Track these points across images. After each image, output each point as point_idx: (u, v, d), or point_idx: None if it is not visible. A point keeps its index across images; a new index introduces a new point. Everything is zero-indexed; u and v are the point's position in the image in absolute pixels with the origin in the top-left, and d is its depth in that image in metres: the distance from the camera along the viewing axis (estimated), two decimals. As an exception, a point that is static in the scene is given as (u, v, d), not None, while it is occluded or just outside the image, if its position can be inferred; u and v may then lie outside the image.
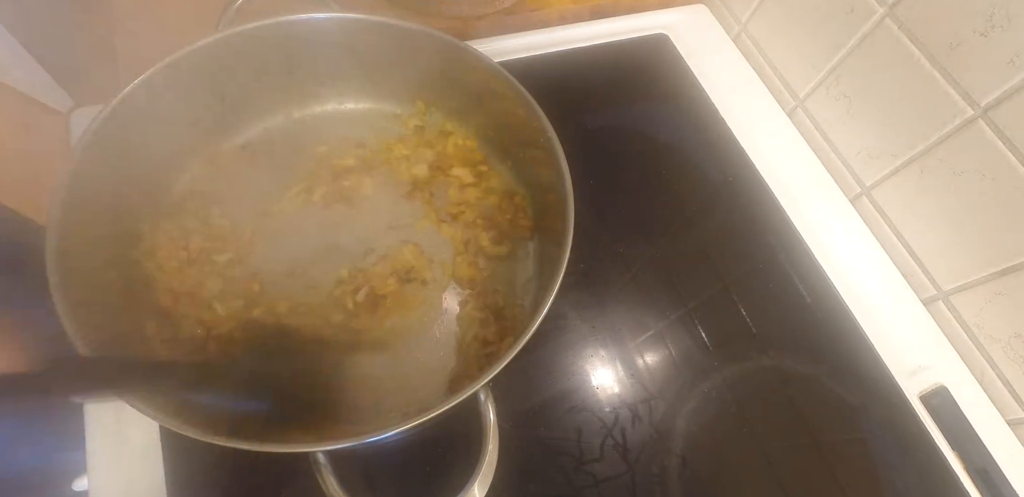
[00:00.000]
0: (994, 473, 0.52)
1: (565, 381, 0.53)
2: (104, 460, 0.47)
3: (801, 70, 0.67)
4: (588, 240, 0.58)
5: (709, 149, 0.67)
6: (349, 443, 0.36)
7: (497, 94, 0.51)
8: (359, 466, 0.47)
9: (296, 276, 0.51)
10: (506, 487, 0.41)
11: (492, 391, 0.41)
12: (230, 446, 0.35)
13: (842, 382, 0.55)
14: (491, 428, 0.40)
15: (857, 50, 0.59)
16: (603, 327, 0.56)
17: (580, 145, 0.50)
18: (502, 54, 0.69)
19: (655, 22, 0.76)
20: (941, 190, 0.55)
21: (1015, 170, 0.49)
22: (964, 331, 0.58)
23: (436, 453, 0.49)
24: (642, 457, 0.50)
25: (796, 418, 0.54)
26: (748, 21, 0.73)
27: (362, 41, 0.53)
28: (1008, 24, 0.46)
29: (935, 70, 0.52)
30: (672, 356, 0.55)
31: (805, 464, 0.52)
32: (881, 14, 0.56)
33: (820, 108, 0.67)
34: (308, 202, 0.55)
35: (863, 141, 0.62)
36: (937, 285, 0.59)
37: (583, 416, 0.52)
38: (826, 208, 0.65)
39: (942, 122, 0.53)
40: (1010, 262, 0.51)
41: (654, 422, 0.52)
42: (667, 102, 0.71)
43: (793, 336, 0.57)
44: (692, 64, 0.73)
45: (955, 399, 0.55)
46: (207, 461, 0.47)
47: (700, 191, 0.65)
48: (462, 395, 0.38)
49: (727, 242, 0.62)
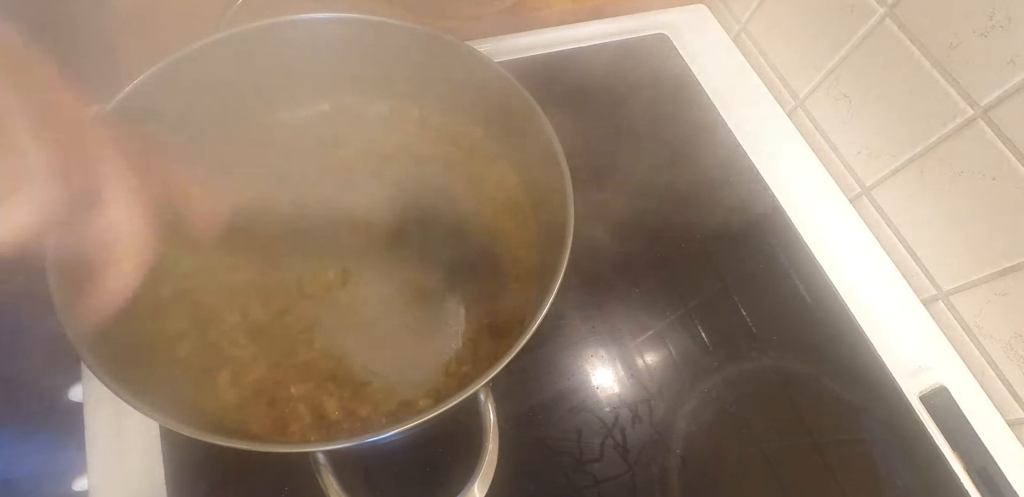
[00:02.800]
0: (994, 473, 0.52)
1: (565, 381, 0.53)
2: (104, 460, 0.47)
3: (801, 70, 0.67)
4: (588, 240, 0.58)
5: (709, 149, 0.67)
6: (349, 443, 0.36)
7: (497, 94, 0.51)
8: (359, 466, 0.47)
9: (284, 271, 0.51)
10: (506, 487, 0.41)
11: (492, 391, 0.41)
12: (230, 446, 0.35)
13: (842, 382, 0.55)
14: (491, 428, 0.40)
15: (857, 50, 0.59)
16: (603, 327, 0.56)
17: (580, 145, 0.50)
18: (502, 54, 0.69)
19: (655, 22, 0.76)
20: (941, 190, 0.56)
21: (1015, 170, 0.49)
22: (964, 331, 0.58)
23: (436, 453, 0.49)
24: (642, 457, 0.50)
25: (796, 418, 0.54)
26: (748, 21, 0.73)
27: (362, 41, 0.53)
28: (1008, 24, 0.46)
29: (935, 70, 0.52)
30: (672, 356, 0.55)
31: (805, 464, 0.52)
32: (881, 14, 0.56)
33: (820, 108, 0.67)
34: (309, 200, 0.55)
35: (863, 141, 0.62)
36: (937, 285, 0.59)
37: (583, 416, 0.52)
38: (826, 208, 0.65)
39: (942, 122, 0.53)
40: (1010, 262, 0.51)
41: (654, 422, 0.52)
42: (667, 102, 0.71)
43: (793, 336, 0.57)
44: (692, 64, 0.73)
45: (955, 399, 0.55)
46: (207, 461, 0.47)
47: (700, 191, 0.65)
48: (462, 395, 0.38)
49: (727, 242, 0.62)
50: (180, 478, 0.46)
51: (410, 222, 0.55)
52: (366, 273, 0.52)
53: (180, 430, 0.35)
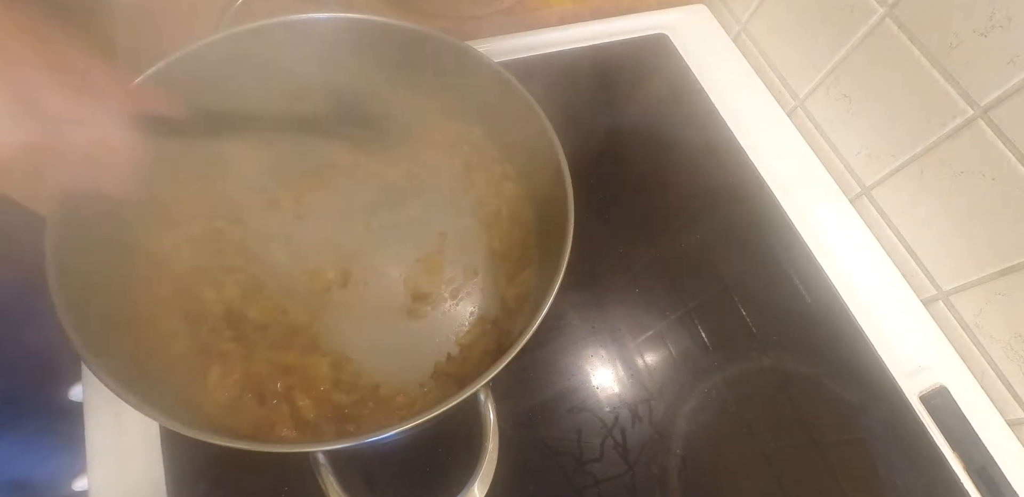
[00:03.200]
0: (994, 473, 0.52)
1: (565, 381, 0.53)
2: (104, 460, 0.47)
3: (801, 70, 0.67)
4: (588, 240, 0.58)
5: (709, 149, 0.67)
6: (349, 443, 0.36)
7: (497, 94, 0.51)
8: (359, 466, 0.47)
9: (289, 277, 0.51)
10: (506, 487, 0.41)
11: (492, 391, 0.41)
12: (230, 446, 0.35)
13: (842, 382, 0.55)
14: (491, 428, 0.40)
15: (857, 50, 0.59)
16: (603, 327, 0.56)
17: (580, 145, 0.50)
18: (502, 54, 0.69)
19: (655, 22, 0.76)
20: (941, 190, 0.56)
21: (1015, 170, 0.49)
22: (964, 331, 0.58)
23: (436, 453, 0.49)
24: (642, 457, 0.50)
25: (796, 418, 0.54)
26: (748, 21, 0.73)
27: (362, 41, 0.53)
28: (1008, 24, 0.46)
29: (935, 70, 0.52)
30: (672, 356, 0.55)
31: (805, 464, 0.52)
32: (881, 14, 0.56)
33: (820, 108, 0.67)
34: (308, 202, 0.55)
35: (863, 141, 0.62)
36: (937, 285, 0.59)
37: (583, 416, 0.52)
38: (826, 208, 0.65)
39: (942, 122, 0.53)
40: (1010, 262, 0.51)
41: (654, 422, 0.52)
42: (667, 102, 0.71)
43: (793, 336, 0.57)
44: (692, 64, 0.73)
45: (955, 399, 0.55)
46: (207, 461, 0.47)
47: (700, 191, 0.65)
48: (462, 395, 0.38)
49: (727, 242, 0.62)
50: (180, 478, 0.46)
51: (409, 220, 0.55)
52: (365, 273, 0.52)
53: (180, 430, 0.35)
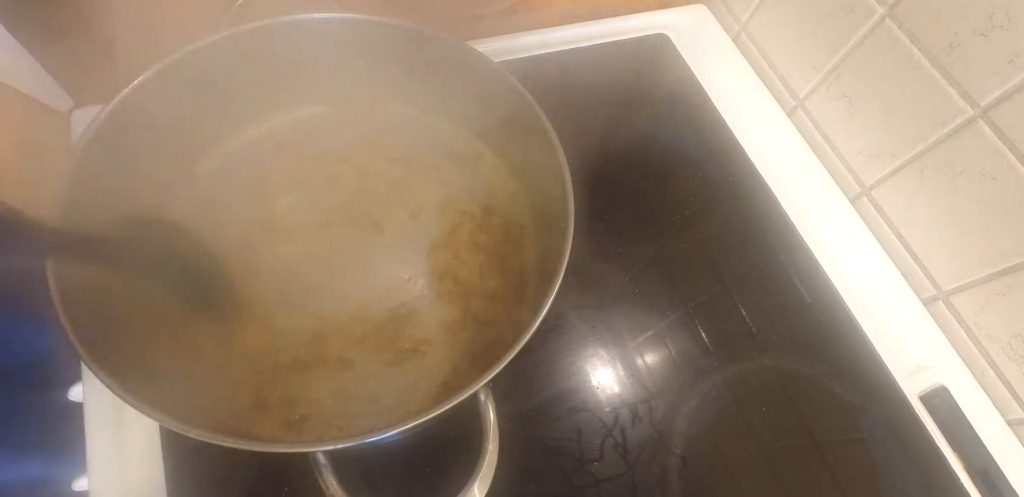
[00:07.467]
0: (994, 473, 0.52)
1: (565, 381, 0.53)
2: (104, 460, 0.47)
3: (801, 70, 0.67)
4: (588, 240, 0.58)
5: (709, 149, 0.67)
6: (349, 443, 0.36)
7: (497, 95, 0.51)
8: (359, 466, 0.47)
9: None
10: (506, 487, 0.41)
11: (492, 391, 0.41)
12: (230, 446, 0.35)
13: (842, 382, 0.55)
14: (491, 428, 0.40)
15: (857, 50, 0.59)
16: (603, 327, 0.56)
17: (580, 145, 0.50)
18: (502, 54, 0.69)
19: (655, 22, 0.76)
20: (941, 190, 0.56)
21: (1015, 170, 0.49)
22: (964, 331, 0.58)
23: (436, 453, 0.49)
24: (642, 457, 0.50)
25: (796, 418, 0.54)
26: (748, 21, 0.73)
27: (362, 41, 0.53)
28: (1008, 24, 0.46)
29: (935, 70, 0.52)
30: (672, 356, 0.55)
31: (805, 464, 0.52)
32: (881, 14, 0.56)
33: (820, 108, 0.67)
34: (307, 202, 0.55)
35: (863, 141, 0.62)
36: (937, 285, 0.59)
37: (583, 416, 0.52)
38: (826, 208, 0.65)
39: (942, 122, 0.53)
40: (1010, 262, 0.51)
41: (654, 422, 0.52)
42: (667, 102, 0.71)
43: (793, 336, 0.57)
44: (692, 64, 0.73)
45: (955, 399, 0.55)
46: (207, 461, 0.47)
47: (700, 191, 0.65)
48: (462, 395, 0.38)
49: (727, 242, 0.62)
50: (180, 478, 0.46)
51: (408, 220, 0.55)
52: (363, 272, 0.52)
53: (180, 430, 0.35)
